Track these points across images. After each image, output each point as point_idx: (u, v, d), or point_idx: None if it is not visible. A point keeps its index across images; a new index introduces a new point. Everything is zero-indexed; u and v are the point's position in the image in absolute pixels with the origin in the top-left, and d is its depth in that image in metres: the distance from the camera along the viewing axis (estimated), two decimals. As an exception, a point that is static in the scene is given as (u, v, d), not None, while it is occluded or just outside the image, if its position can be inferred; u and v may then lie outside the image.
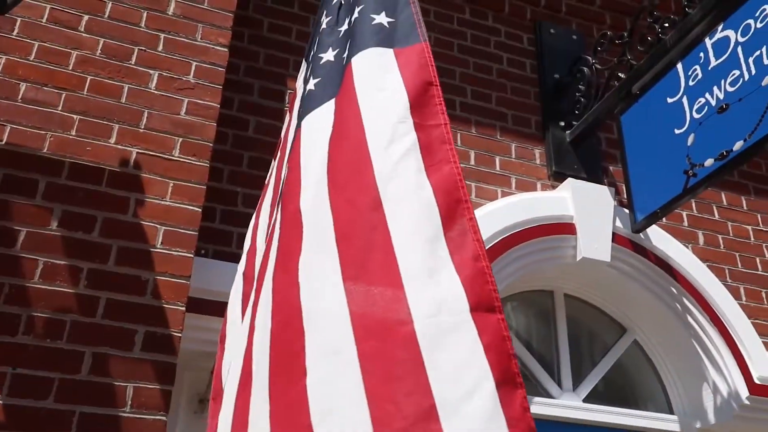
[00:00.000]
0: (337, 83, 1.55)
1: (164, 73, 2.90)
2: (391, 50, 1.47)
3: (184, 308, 2.55)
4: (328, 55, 1.65)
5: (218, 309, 2.73)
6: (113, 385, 2.35)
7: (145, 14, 2.99)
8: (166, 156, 2.76)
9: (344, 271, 1.29)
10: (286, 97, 3.43)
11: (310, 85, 1.62)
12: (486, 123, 3.76)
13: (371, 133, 1.38)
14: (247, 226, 2.96)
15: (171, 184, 2.71)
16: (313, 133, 1.54)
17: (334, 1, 1.85)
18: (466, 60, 3.88)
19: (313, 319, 1.30)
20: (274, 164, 2.13)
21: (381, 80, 1.43)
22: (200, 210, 2.72)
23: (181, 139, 2.80)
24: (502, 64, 3.97)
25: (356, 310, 1.24)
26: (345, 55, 1.59)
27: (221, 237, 3.04)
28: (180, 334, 2.51)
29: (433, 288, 1.21)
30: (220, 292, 2.77)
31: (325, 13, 1.86)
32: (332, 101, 1.55)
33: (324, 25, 1.80)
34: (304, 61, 2.26)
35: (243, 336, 1.69)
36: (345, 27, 1.68)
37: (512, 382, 1.11)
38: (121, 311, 2.46)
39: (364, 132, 1.39)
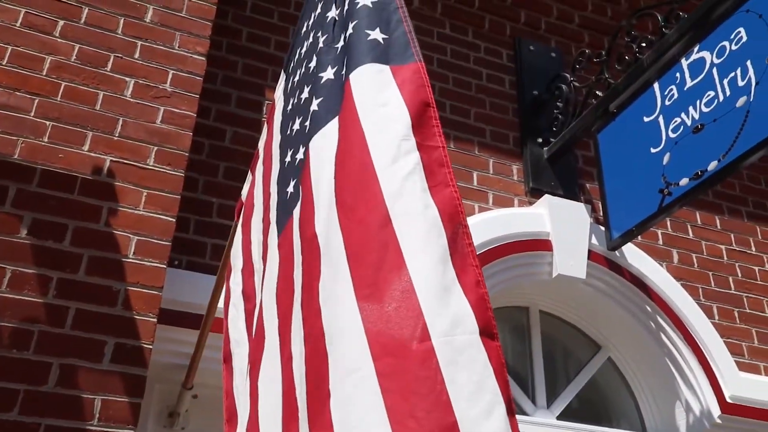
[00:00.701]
0: (339, 101, 1.55)
1: (140, 81, 2.89)
2: (387, 67, 1.47)
3: (155, 320, 2.53)
4: (328, 74, 1.64)
5: (191, 321, 2.72)
6: (81, 398, 2.32)
7: (122, 21, 2.98)
8: (141, 165, 2.74)
9: (357, 291, 1.29)
10: (264, 108, 3.44)
11: (314, 106, 1.61)
12: (464, 138, 3.79)
13: (375, 150, 1.38)
14: (222, 237, 2.97)
15: (145, 194, 2.70)
16: (320, 153, 1.54)
17: (328, 19, 1.85)
18: (445, 75, 3.92)
19: (334, 343, 1.31)
20: (258, 178, 2.12)
21: (381, 96, 1.44)
22: (174, 220, 2.71)
23: (156, 148, 2.79)
24: (481, 80, 4.01)
25: (371, 328, 1.24)
26: (343, 72, 1.59)
27: (195, 248, 3.03)
28: (151, 346, 2.49)
29: (447, 307, 1.22)
30: (192, 303, 2.76)
31: (321, 31, 1.86)
32: (335, 120, 1.54)
33: (321, 44, 1.80)
34: (282, 72, 2.26)
35: (260, 357, 1.68)
36: (341, 43, 1.68)
37: (513, 410, 1.13)
38: (90, 322, 2.44)
39: (368, 149, 1.39)
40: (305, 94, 1.82)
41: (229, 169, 3.24)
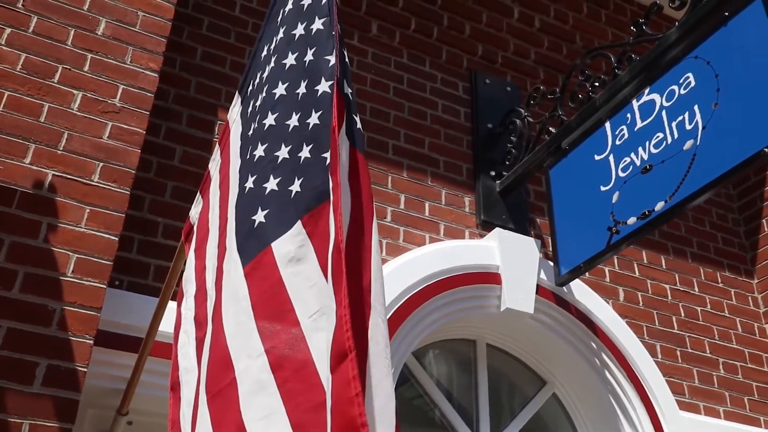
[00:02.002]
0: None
1: (89, 95, 2.86)
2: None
3: (92, 341, 2.47)
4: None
5: (129, 344, 2.67)
6: (8, 422, 2.25)
7: (72, 32, 2.94)
8: (85, 180, 2.70)
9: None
10: (216, 128, 3.42)
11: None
12: (417, 168, 3.84)
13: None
14: (166, 259, 2.93)
15: (87, 210, 2.65)
16: None
17: (296, 37, 1.87)
18: (401, 103, 3.97)
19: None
20: (213, 202, 2.10)
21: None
22: (117, 239, 2.66)
23: (101, 164, 2.75)
24: (436, 110, 4.08)
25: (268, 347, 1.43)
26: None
27: (138, 268, 2.98)
28: (86, 369, 2.42)
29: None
30: (132, 326, 2.71)
31: (285, 54, 1.88)
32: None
33: (287, 69, 1.84)
34: (237, 93, 2.26)
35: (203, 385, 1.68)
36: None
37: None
38: (22, 342, 2.37)
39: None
40: (270, 121, 1.82)
41: (178, 189, 3.21)
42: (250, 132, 1.93)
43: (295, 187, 1.62)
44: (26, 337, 2.38)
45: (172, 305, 2.45)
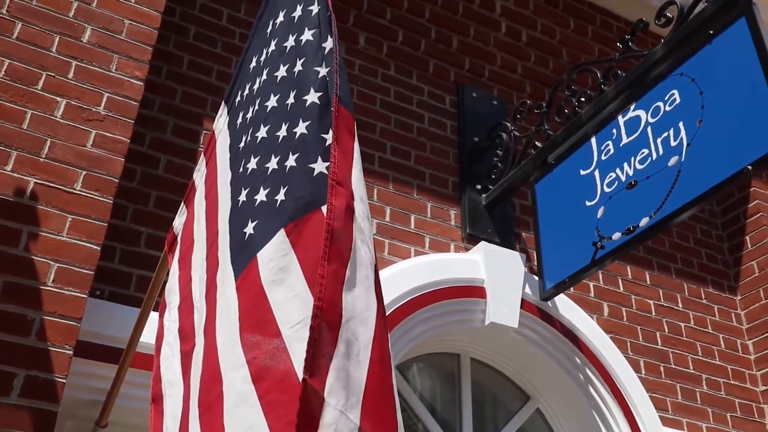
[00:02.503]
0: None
1: (73, 102, 2.85)
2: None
3: (71, 352, 2.45)
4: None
5: (110, 355, 2.65)
6: (-16, 433, 2.22)
7: (57, 39, 2.93)
8: (67, 189, 2.68)
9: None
10: (201, 138, 3.42)
11: (323, 168, 1.65)
12: (404, 180, 3.85)
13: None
14: (149, 269, 2.91)
15: (69, 219, 2.63)
16: None
17: (287, 49, 1.89)
18: (387, 116, 3.98)
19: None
20: (199, 213, 2.09)
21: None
22: (99, 248, 2.65)
23: (84, 172, 2.74)
24: (423, 123, 4.09)
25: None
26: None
27: (120, 278, 2.96)
28: (65, 380, 2.40)
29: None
30: (113, 336, 2.69)
31: (277, 66, 1.89)
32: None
33: (278, 81, 1.85)
34: (223, 103, 2.26)
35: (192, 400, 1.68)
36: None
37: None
38: (0, 352, 2.34)
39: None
40: (262, 133, 1.82)
41: (161, 199, 3.20)
42: (242, 144, 1.93)
43: (281, 196, 1.63)
44: (4, 347, 2.35)
45: (154, 316, 2.44)
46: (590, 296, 4.04)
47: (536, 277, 3.70)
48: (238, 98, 2.13)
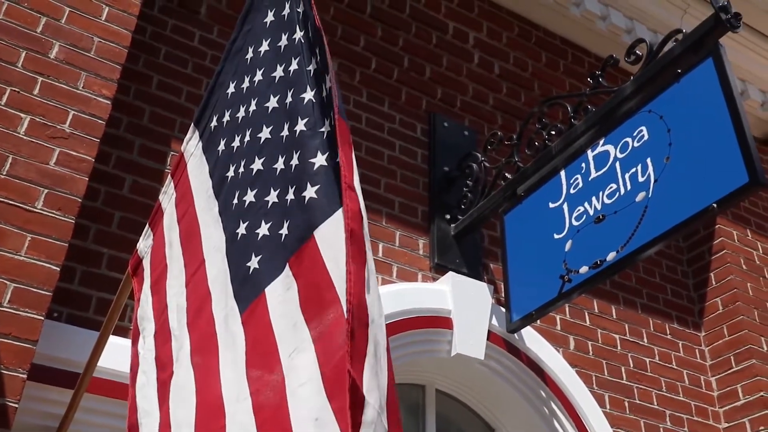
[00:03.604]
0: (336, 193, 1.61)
1: (37, 119, 2.82)
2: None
3: (25, 375, 2.40)
4: (320, 160, 1.69)
5: (65, 379, 2.60)
6: (-71, 459, 2.16)
7: (23, 54, 2.91)
8: (28, 207, 2.65)
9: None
10: (168, 159, 3.40)
11: (309, 193, 1.64)
12: (373, 208, 3.86)
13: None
14: (110, 291, 2.87)
15: (29, 238, 2.60)
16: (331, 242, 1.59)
17: (276, 79, 1.91)
18: (359, 143, 4.01)
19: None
20: (172, 239, 2.08)
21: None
22: (59, 269, 2.61)
23: (46, 191, 2.71)
24: (394, 151, 4.13)
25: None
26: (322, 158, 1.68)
27: (79, 300, 2.92)
28: (17, 405, 2.35)
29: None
30: (69, 360, 2.65)
31: (266, 98, 1.91)
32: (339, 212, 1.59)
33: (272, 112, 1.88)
34: (193, 126, 2.26)
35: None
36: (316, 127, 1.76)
37: None
38: (-50, 374, 2.29)
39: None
40: (258, 165, 1.84)
41: (125, 220, 3.17)
42: (230, 174, 1.94)
43: (284, 230, 1.66)
44: (-45, 369, 2.30)
45: (113, 340, 2.41)
46: (557, 329, 4.08)
47: (503, 309, 3.73)
48: (214, 123, 2.13)
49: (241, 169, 1.90)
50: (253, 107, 1.97)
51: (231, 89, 2.12)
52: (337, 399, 1.33)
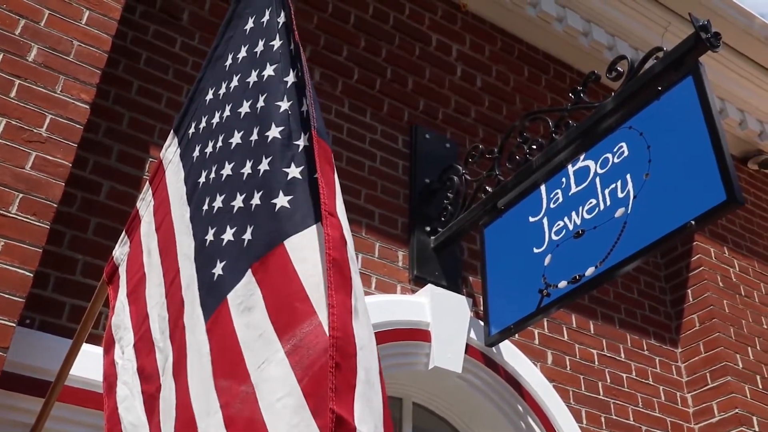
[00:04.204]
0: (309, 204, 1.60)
1: (13, 122, 2.79)
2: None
3: (-5, 384, 2.37)
4: (293, 172, 1.68)
5: (36, 387, 2.57)
6: None
7: (1, 56, 2.88)
8: (2, 211, 2.62)
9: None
10: (147, 166, 3.38)
11: (284, 203, 1.62)
12: (353, 219, 3.86)
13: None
14: (84, 298, 2.84)
15: (2, 243, 2.56)
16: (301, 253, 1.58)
17: (250, 85, 1.91)
18: (340, 153, 4.01)
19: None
20: (150, 246, 2.06)
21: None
22: (32, 275, 2.58)
23: (21, 195, 2.68)
24: (375, 162, 4.13)
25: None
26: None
27: (52, 307, 2.88)
28: (-15, 413, 2.32)
29: None
30: (41, 368, 2.61)
31: (242, 103, 1.91)
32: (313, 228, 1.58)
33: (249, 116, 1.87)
34: (172, 133, 2.25)
35: None
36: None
37: None
38: None
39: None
40: (227, 171, 1.83)
41: (101, 226, 3.14)
42: (202, 180, 1.92)
43: (247, 235, 1.64)
44: None
45: (87, 348, 2.38)
46: (535, 344, 4.09)
47: (482, 323, 3.74)
48: (192, 130, 2.12)
49: (212, 175, 1.89)
50: (227, 113, 1.97)
51: (209, 96, 2.12)
52: (321, 417, 1.32)
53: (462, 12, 4.79)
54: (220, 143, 1.93)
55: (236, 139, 1.86)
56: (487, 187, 3.81)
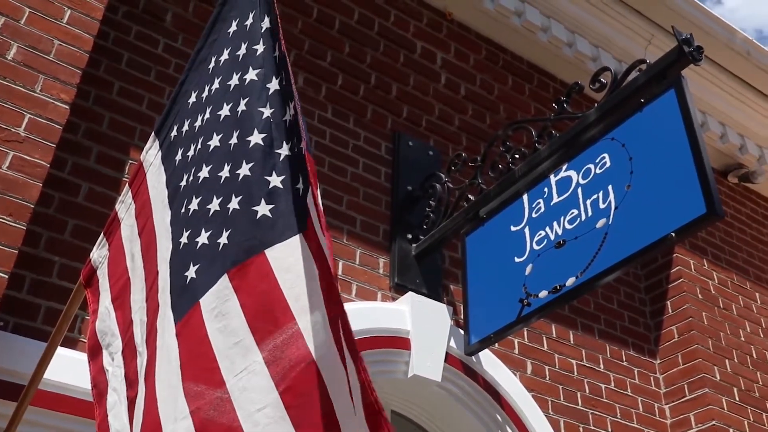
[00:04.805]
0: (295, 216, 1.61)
1: (-9, 121, 2.77)
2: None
3: (-34, 387, 2.34)
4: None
5: (10, 391, 2.55)
6: None
7: (-20, 54, 2.86)
8: (-23, 211, 2.59)
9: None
10: (127, 168, 3.36)
11: (266, 211, 1.64)
12: (334, 225, 3.86)
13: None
14: (60, 301, 2.82)
15: (-23, 244, 2.54)
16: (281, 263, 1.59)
17: (231, 87, 1.90)
18: (322, 159, 4.01)
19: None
20: (133, 250, 2.04)
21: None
22: (7, 276, 2.56)
23: (-2, 195, 2.65)
24: (357, 168, 4.13)
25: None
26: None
27: (27, 309, 2.85)
28: (-44, 417, 2.29)
29: None
30: (14, 371, 2.59)
31: (224, 107, 1.91)
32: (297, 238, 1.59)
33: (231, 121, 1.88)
34: (153, 135, 2.24)
35: None
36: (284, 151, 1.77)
37: None
38: None
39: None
40: (204, 173, 1.82)
41: (79, 228, 3.12)
42: (183, 183, 1.91)
43: (223, 239, 1.63)
44: None
45: (61, 351, 2.36)
46: (514, 353, 4.11)
47: (462, 331, 3.74)
48: (174, 133, 2.11)
49: (191, 178, 1.89)
50: (207, 115, 1.97)
51: (192, 99, 2.11)
52: (304, 428, 1.32)
53: (447, 20, 4.81)
54: (200, 146, 1.92)
55: (215, 141, 1.85)
56: (469, 196, 3.83)
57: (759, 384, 4.79)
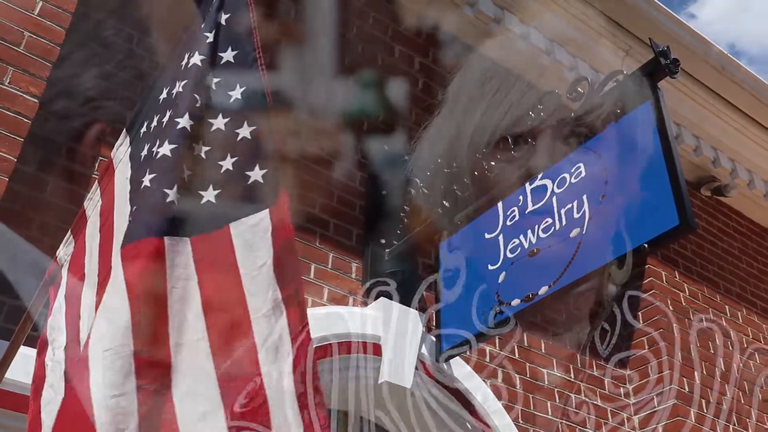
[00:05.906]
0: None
1: (-43, 113, 2.72)
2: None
3: (-77, 385, 2.29)
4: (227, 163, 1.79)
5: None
6: None
7: (-53, 44, 2.81)
8: (-60, 205, 2.54)
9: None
10: (97, 165, 3.32)
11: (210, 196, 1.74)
12: (307, 228, 3.84)
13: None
14: (24, 299, 2.77)
15: (-61, 238, 2.49)
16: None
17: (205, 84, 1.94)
18: (296, 160, 3.99)
19: None
20: (92, 247, 2.03)
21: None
22: (-31, 273, 2.51)
23: (-38, 190, 2.61)
24: (331, 171, 4.12)
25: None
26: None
27: (-11, 307, 2.80)
28: None
29: None
30: (-27, 371, 2.53)
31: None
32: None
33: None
34: (125, 132, 2.22)
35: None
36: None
37: None
38: None
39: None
40: (145, 152, 1.84)
41: (45, 225, 3.07)
42: (145, 180, 1.92)
43: (131, 215, 1.74)
44: None
45: (24, 351, 2.33)
46: (486, 361, 4.12)
47: (434, 338, 3.75)
48: (144, 129, 2.10)
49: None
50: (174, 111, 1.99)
51: (163, 95, 2.10)
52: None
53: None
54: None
55: (154, 122, 1.91)
56: (444, 202, 3.83)
57: (727, 397, 4.85)
